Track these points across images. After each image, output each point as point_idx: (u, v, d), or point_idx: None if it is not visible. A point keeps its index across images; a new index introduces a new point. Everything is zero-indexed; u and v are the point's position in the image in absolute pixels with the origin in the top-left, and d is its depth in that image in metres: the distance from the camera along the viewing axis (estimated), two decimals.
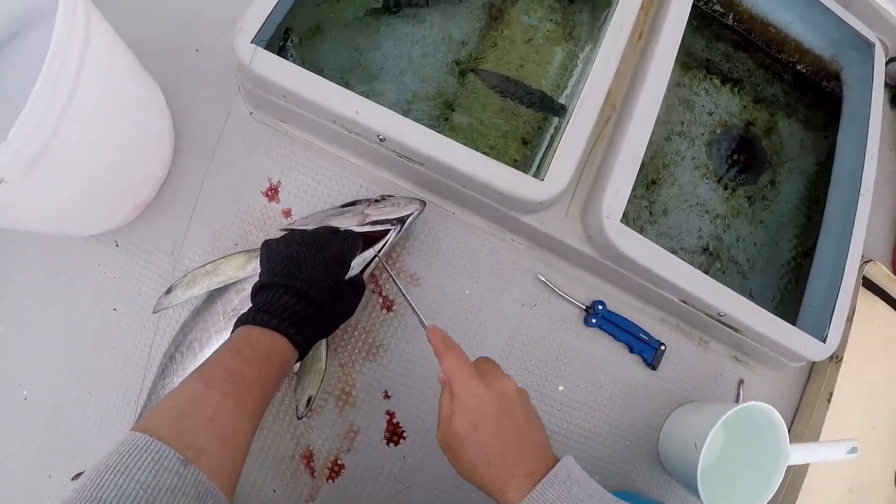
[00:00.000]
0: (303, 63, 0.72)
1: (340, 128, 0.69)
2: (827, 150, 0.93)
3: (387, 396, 0.71)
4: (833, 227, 0.84)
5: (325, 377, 0.70)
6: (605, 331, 0.76)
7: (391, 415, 0.71)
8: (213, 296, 0.68)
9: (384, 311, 0.72)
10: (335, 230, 0.62)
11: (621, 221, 0.68)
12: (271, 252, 0.59)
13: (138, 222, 0.77)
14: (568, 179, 0.68)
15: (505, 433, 0.47)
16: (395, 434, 0.70)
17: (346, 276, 0.61)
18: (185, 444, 0.39)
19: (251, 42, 0.66)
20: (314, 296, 0.54)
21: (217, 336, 0.65)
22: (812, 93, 0.97)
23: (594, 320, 0.76)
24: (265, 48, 0.65)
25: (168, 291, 0.69)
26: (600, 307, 0.76)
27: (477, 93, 0.89)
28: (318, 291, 0.55)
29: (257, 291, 0.57)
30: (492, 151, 0.85)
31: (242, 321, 0.53)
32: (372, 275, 0.72)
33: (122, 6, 0.78)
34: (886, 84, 0.88)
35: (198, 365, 0.51)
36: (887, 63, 0.88)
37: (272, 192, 0.74)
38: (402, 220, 0.67)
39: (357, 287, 0.63)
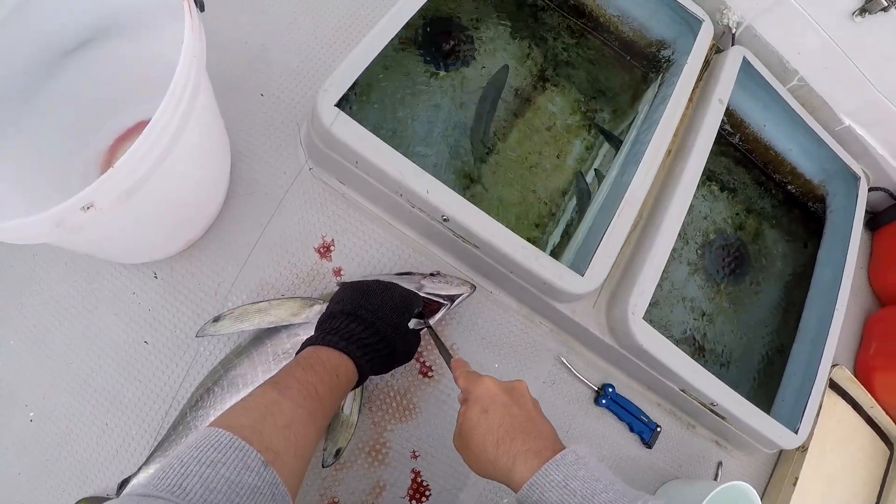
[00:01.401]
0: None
1: (404, 200, 0.73)
2: (804, 261, 1.06)
3: (415, 456, 0.75)
4: (807, 335, 0.95)
5: (356, 431, 0.73)
6: (612, 411, 0.84)
7: (416, 473, 0.75)
8: (262, 337, 0.70)
9: (421, 375, 0.76)
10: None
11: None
12: (344, 289, 0.64)
13: (179, 258, 0.78)
14: (604, 277, 0.75)
15: (514, 418, 0.50)
16: (418, 492, 0.74)
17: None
18: (265, 446, 0.41)
19: (335, 105, 0.69)
20: (379, 327, 0.59)
21: (264, 375, 0.67)
22: (798, 210, 1.10)
23: (604, 401, 0.83)
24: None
25: (216, 320, 0.71)
26: (610, 390, 0.83)
27: (498, 172, 0.96)
28: (384, 324, 0.59)
29: (325, 320, 0.60)
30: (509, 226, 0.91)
31: (310, 343, 0.57)
32: None
33: None
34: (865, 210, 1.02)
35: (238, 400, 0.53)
36: (868, 191, 1.01)
37: (324, 250, 0.77)
38: (452, 299, 0.71)
39: (416, 337, 0.67)
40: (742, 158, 1.06)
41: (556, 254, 0.91)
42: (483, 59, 1.02)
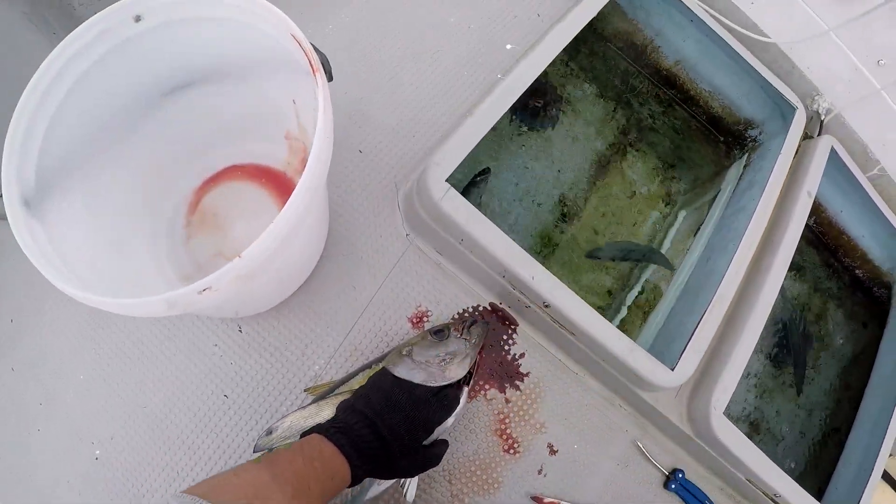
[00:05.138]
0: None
1: (506, 282, 0.72)
2: (864, 344, 1.06)
3: None
4: (867, 423, 0.96)
5: (439, 501, 0.73)
6: (680, 496, 0.84)
7: None
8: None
9: (505, 452, 0.76)
10: (440, 390, 0.65)
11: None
12: (380, 383, 0.63)
13: (266, 314, 0.77)
14: (692, 371, 0.75)
15: None
16: None
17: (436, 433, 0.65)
18: None
19: (445, 180, 0.68)
20: (388, 442, 0.57)
21: None
22: (862, 294, 1.10)
23: (673, 486, 0.83)
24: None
25: (268, 433, 0.69)
26: (680, 475, 0.84)
27: (577, 235, 0.95)
28: (394, 441, 0.58)
29: (346, 408, 0.60)
30: (580, 292, 0.91)
31: (319, 430, 0.56)
32: (499, 412, 0.76)
33: None
34: None
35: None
36: None
37: (417, 320, 0.76)
38: (468, 380, 0.71)
39: (431, 456, 0.64)
40: (814, 240, 1.07)
41: (625, 327, 0.91)
42: (569, 119, 1.01)
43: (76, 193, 0.62)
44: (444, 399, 0.65)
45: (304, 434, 0.57)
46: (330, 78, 0.57)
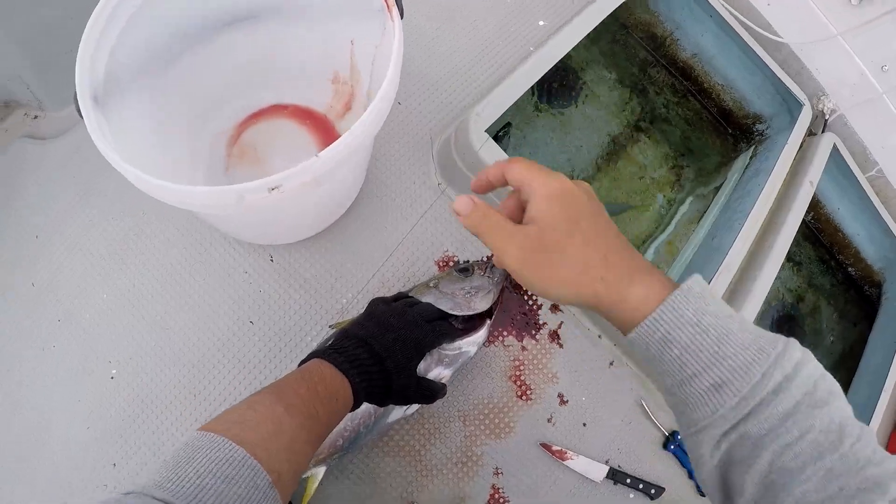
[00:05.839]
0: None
1: None
2: (853, 341, 1.12)
3: (497, 473, 0.78)
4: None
5: (448, 441, 0.75)
6: (676, 457, 0.87)
7: (496, 490, 0.77)
8: None
9: (518, 398, 0.79)
10: (434, 317, 0.67)
11: None
12: (372, 308, 0.65)
13: (298, 246, 0.80)
14: None
15: (608, 231, 0.42)
16: None
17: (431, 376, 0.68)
18: (271, 467, 0.41)
19: (485, 130, 0.72)
20: (383, 359, 0.58)
21: None
22: (853, 291, 1.16)
23: (672, 447, 0.86)
24: None
25: None
26: (678, 437, 0.87)
27: (607, 206, 1.00)
28: (388, 358, 0.58)
29: (342, 335, 0.61)
30: None
31: (317, 355, 0.57)
32: (515, 359, 0.79)
33: None
34: None
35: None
36: None
37: (444, 263, 0.80)
38: (490, 313, 0.74)
39: (427, 388, 0.65)
40: (811, 235, 1.13)
41: None
42: (587, 101, 1.06)
43: (133, 103, 0.63)
44: (437, 326, 0.66)
45: (302, 362, 0.58)
46: (401, 14, 0.59)
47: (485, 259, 0.80)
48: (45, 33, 0.81)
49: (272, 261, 0.79)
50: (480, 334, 0.72)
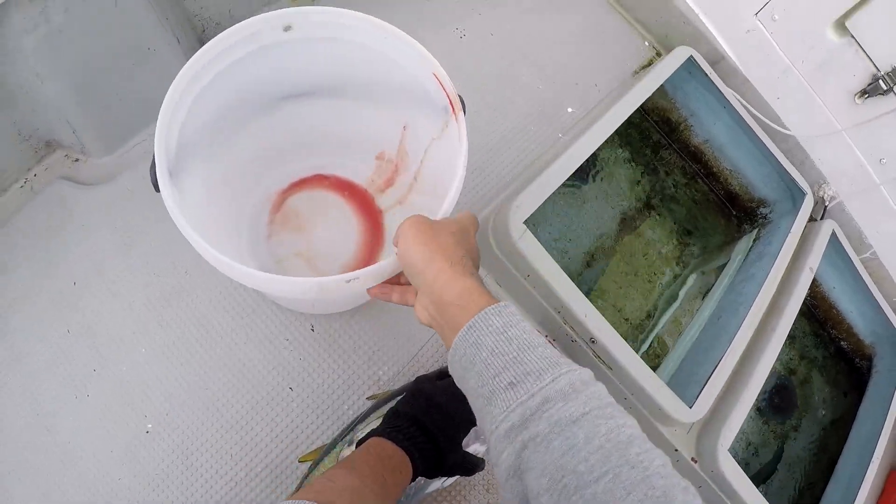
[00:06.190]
0: None
1: (558, 315, 0.82)
2: (843, 411, 1.19)
3: None
4: (842, 482, 1.07)
5: None
6: None
7: None
8: None
9: None
10: None
11: None
12: (420, 386, 0.69)
13: (338, 317, 0.83)
14: (707, 410, 0.85)
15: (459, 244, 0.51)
16: None
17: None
18: None
19: (522, 222, 0.78)
20: (436, 437, 0.62)
21: None
22: (844, 363, 1.23)
23: None
24: None
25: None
26: None
27: (616, 279, 1.06)
28: (442, 437, 0.62)
29: (393, 414, 0.66)
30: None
31: (378, 433, 0.62)
32: None
33: None
34: None
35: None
36: None
37: None
38: None
39: (469, 462, 0.68)
40: (806, 311, 1.20)
41: (650, 350, 1.01)
42: (601, 179, 1.13)
43: (195, 175, 0.64)
44: None
45: (360, 442, 0.63)
46: (464, 111, 0.61)
47: None
48: (97, 80, 0.81)
49: (313, 330, 0.83)
50: None
